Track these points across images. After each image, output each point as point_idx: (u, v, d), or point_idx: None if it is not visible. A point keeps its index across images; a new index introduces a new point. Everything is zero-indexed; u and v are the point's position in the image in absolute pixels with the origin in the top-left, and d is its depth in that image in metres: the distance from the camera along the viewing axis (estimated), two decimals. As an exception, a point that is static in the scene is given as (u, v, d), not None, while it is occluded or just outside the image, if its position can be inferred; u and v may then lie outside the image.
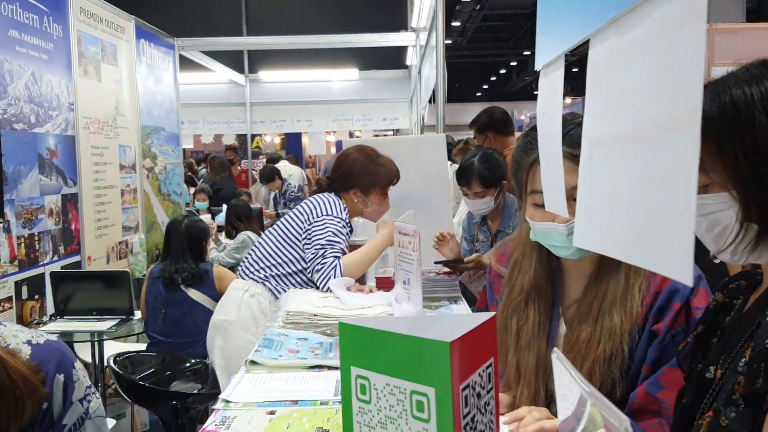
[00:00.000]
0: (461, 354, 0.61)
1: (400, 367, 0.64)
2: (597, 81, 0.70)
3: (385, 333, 0.64)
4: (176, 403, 2.57)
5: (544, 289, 1.37)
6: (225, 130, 9.21)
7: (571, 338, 1.30)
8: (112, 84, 4.57)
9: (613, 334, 1.24)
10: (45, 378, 1.07)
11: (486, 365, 0.67)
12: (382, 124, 8.97)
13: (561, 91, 0.86)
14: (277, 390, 1.63)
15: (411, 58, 7.78)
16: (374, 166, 2.64)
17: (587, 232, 0.66)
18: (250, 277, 2.61)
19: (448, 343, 0.59)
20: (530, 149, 1.31)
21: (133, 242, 4.75)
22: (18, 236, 3.38)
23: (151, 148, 5.29)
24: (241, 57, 9.03)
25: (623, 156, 0.61)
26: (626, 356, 1.23)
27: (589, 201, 0.67)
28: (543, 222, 1.27)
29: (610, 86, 0.66)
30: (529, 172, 1.31)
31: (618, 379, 1.23)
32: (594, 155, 0.67)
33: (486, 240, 2.79)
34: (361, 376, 0.67)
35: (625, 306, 1.25)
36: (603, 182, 0.64)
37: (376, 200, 2.65)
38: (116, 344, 3.84)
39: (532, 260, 1.38)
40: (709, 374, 0.95)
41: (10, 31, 3.34)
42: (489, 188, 2.62)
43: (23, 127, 3.44)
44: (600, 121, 0.67)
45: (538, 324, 1.36)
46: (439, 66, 3.55)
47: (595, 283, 1.30)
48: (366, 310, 2.18)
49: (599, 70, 0.69)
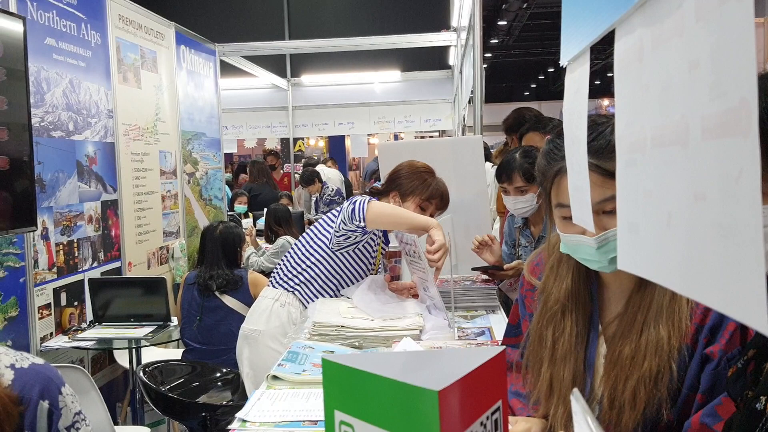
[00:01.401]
0: (456, 402, 0.51)
1: (388, 415, 0.55)
2: (626, 76, 0.59)
3: (370, 375, 0.55)
4: (205, 414, 2.52)
5: (582, 298, 1.25)
6: (268, 134, 9.23)
7: (613, 355, 1.17)
8: (152, 90, 4.59)
9: (659, 349, 1.11)
10: (27, 408, 1.00)
11: (492, 411, 0.57)
12: (424, 125, 8.86)
13: (586, 89, 0.75)
14: (297, 409, 1.55)
15: (453, 58, 7.66)
16: (418, 175, 2.54)
17: (633, 253, 0.56)
18: (281, 286, 2.54)
19: (436, 393, 0.49)
20: (554, 158, 1.19)
21: (173, 247, 4.76)
22: (56, 243, 3.40)
23: (192, 153, 5.30)
24: (283, 61, 9.05)
25: (666, 163, 0.50)
26: (674, 375, 1.10)
27: (632, 216, 0.56)
28: (572, 234, 1.15)
29: (642, 81, 0.55)
30: (554, 183, 1.19)
31: (665, 399, 1.10)
32: (634, 162, 0.56)
33: (528, 245, 2.65)
34: (346, 422, 0.58)
35: (672, 318, 1.12)
36: (646, 194, 0.53)
37: (411, 208, 2.52)
38: (155, 350, 3.84)
39: (570, 267, 1.26)
40: (759, 405, 0.83)
41: (46, 39, 3.36)
42: (531, 183, 2.47)
43: (61, 134, 3.46)
44: (635, 123, 0.56)
45: (576, 336, 1.24)
46: (476, 65, 3.43)
47: (638, 294, 1.17)
48: (395, 322, 2.08)
49: (628, 63, 0.58)
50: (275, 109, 9.04)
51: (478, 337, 2.13)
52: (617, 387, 1.14)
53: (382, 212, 2.28)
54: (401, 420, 0.53)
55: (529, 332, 1.33)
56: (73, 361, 3.42)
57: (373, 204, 2.28)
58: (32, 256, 3.18)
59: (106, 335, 3.41)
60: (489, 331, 2.21)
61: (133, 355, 3.42)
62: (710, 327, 1.09)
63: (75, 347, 3.30)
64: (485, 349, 0.61)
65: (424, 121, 8.78)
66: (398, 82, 8.97)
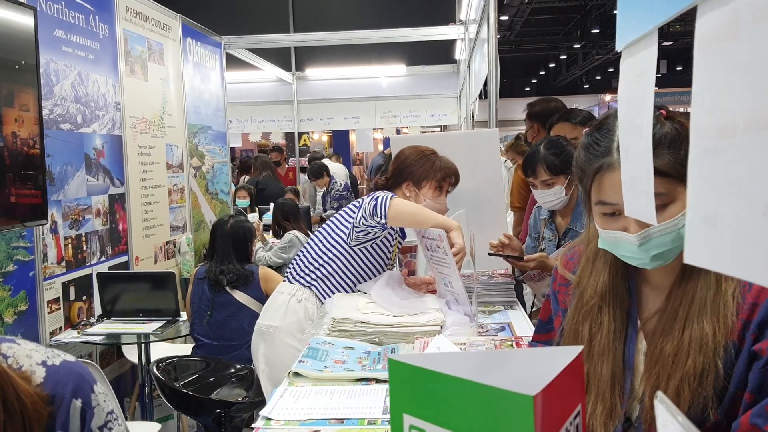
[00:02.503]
0: (547, 408, 0.48)
1: (468, 420, 0.51)
2: (712, 56, 0.55)
3: (448, 377, 0.51)
4: (220, 411, 2.49)
5: (620, 293, 1.21)
6: (273, 128, 9.19)
7: (654, 352, 1.13)
8: (159, 83, 4.54)
9: (704, 345, 1.07)
10: (59, 407, 0.97)
11: (574, 415, 0.54)
12: (430, 120, 8.81)
13: (653, 73, 0.71)
14: (321, 406, 1.52)
15: (459, 53, 7.61)
16: (427, 159, 2.51)
17: (708, 247, 0.52)
18: (297, 281, 2.50)
19: (531, 398, 0.46)
20: (595, 153, 1.15)
21: (180, 242, 4.72)
22: (65, 237, 3.37)
23: (199, 147, 5.26)
24: (288, 54, 9.00)
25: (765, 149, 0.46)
26: (720, 373, 1.06)
27: (709, 208, 0.52)
28: (613, 231, 1.12)
29: (735, 60, 0.52)
30: (594, 180, 1.15)
31: (710, 398, 1.06)
32: (716, 149, 0.52)
33: (552, 239, 2.58)
34: (417, 427, 0.55)
35: (717, 313, 1.08)
36: (732, 183, 0.50)
37: (429, 194, 2.47)
38: (164, 345, 3.81)
39: (607, 261, 1.22)
40: None
41: (55, 30, 3.32)
42: (557, 176, 2.41)
43: (70, 127, 3.42)
44: (721, 106, 0.52)
45: (614, 332, 1.20)
46: (491, 59, 3.39)
47: (680, 289, 1.13)
48: (416, 317, 2.05)
49: (716, 41, 0.54)
50: (280, 103, 9.00)
51: (498, 333, 2.10)
52: (659, 385, 1.10)
53: (405, 210, 2.25)
54: (486, 426, 0.49)
55: (563, 327, 1.29)
56: (82, 355, 3.39)
57: (396, 201, 2.24)
58: (41, 250, 3.14)
59: (114, 330, 3.38)
60: (509, 326, 2.18)
61: (142, 351, 3.39)
62: (758, 323, 1.05)
63: (84, 342, 3.27)
64: (557, 349, 0.58)
65: (430, 115, 8.73)
66: (403, 77, 8.92)
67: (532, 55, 23.51)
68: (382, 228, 2.32)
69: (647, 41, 0.72)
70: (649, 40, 0.72)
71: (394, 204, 2.23)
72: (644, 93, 0.73)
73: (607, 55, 20.56)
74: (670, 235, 1.07)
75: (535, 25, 19.83)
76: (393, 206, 2.22)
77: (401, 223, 2.30)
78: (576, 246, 1.37)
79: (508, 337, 2.01)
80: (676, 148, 1.09)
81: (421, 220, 2.25)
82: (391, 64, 8.78)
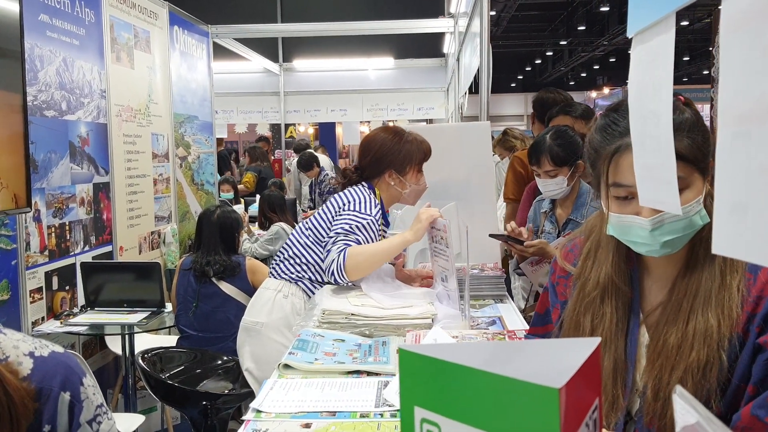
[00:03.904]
0: (570, 401, 0.46)
1: (484, 414, 0.49)
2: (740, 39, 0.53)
3: (464, 368, 0.49)
4: (206, 403, 2.45)
5: (622, 285, 1.20)
6: (259, 119, 9.11)
7: (657, 344, 1.12)
8: (145, 71, 4.48)
9: (708, 337, 1.06)
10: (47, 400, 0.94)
11: (593, 409, 0.52)
12: (417, 113, 8.78)
13: (671, 59, 0.70)
14: (312, 399, 1.50)
15: (448, 46, 7.58)
16: (405, 143, 2.44)
17: (737, 236, 0.50)
18: (283, 277, 2.46)
19: (557, 390, 0.44)
20: (612, 134, 1.13)
21: (165, 232, 4.67)
22: (48, 225, 3.31)
23: (185, 136, 5.20)
24: (275, 45, 8.92)
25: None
26: (724, 366, 1.05)
27: (737, 195, 0.51)
28: (626, 215, 1.11)
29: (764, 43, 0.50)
30: (611, 162, 1.13)
31: (714, 390, 1.05)
32: (746, 134, 0.50)
33: (552, 231, 2.57)
34: (429, 420, 0.53)
35: (722, 306, 1.07)
36: (763, 170, 0.48)
37: (413, 179, 2.45)
38: (148, 336, 3.76)
39: (610, 251, 1.20)
40: None
41: (40, 15, 3.25)
42: (561, 167, 2.40)
43: (54, 114, 3.36)
44: (750, 90, 0.50)
45: (616, 323, 1.19)
46: (483, 52, 3.37)
47: (684, 280, 1.12)
48: (407, 310, 2.03)
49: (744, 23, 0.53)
50: (267, 94, 8.92)
51: (489, 327, 2.09)
52: (662, 378, 1.09)
53: (362, 261, 2.21)
54: (506, 420, 0.47)
55: (564, 319, 1.28)
56: (65, 346, 3.32)
57: (349, 263, 2.18)
58: (24, 239, 3.08)
59: (98, 320, 3.33)
60: (500, 320, 2.17)
61: (126, 342, 3.35)
62: (763, 316, 1.05)
63: (67, 332, 3.22)
64: (574, 341, 0.56)
65: (417, 109, 8.70)
66: (391, 70, 8.88)
67: (519, 51, 23.55)
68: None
69: (663, 26, 0.70)
70: (665, 24, 0.70)
71: (349, 266, 2.18)
72: (661, 80, 0.71)
73: (592, 52, 20.64)
74: (682, 222, 1.06)
75: (521, 21, 19.84)
76: (349, 270, 2.18)
77: (365, 273, 2.26)
78: (576, 238, 1.35)
79: (500, 331, 2.00)
80: (695, 134, 1.08)
81: (383, 258, 2.27)
82: (379, 57, 8.74)
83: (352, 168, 2.56)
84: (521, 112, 24.30)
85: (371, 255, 2.23)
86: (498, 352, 0.55)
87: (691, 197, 1.07)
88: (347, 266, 2.17)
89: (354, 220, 2.29)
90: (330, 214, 2.40)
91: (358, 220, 2.29)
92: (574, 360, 0.50)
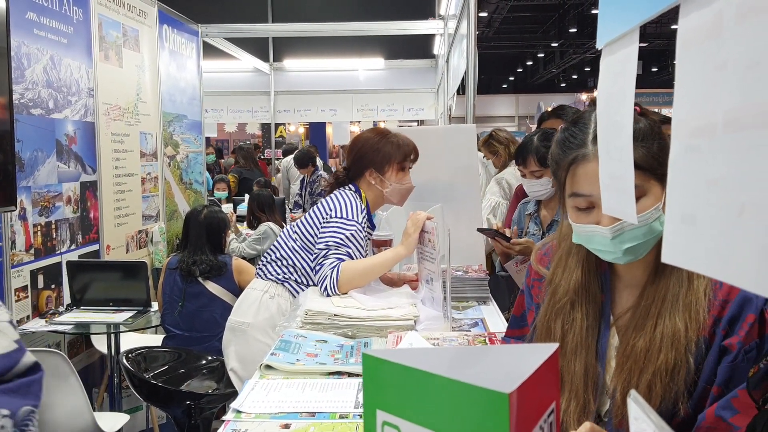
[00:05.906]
0: (522, 405, 0.48)
1: (441, 417, 0.50)
2: (694, 55, 0.55)
3: (422, 373, 0.50)
4: (190, 403, 2.46)
5: (592, 290, 1.22)
6: (249, 119, 9.11)
7: (626, 348, 1.14)
8: (134, 70, 4.47)
9: (676, 341, 1.08)
10: None
11: (548, 412, 0.54)
12: (407, 114, 8.80)
13: (634, 71, 0.71)
14: (292, 400, 1.51)
15: (438, 48, 7.60)
16: (385, 141, 2.45)
17: (686, 247, 0.52)
18: (269, 278, 2.47)
19: (506, 395, 0.46)
20: (570, 146, 1.16)
21: (153, 231, 4.66)
22: (34, 224, 3.30)
23: (173, 135, 5.19)
24: (265, 45, 8.92)
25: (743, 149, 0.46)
26: (692, 368, 1.08)
27: (687, 207, 0.52)
28: (586, 225, 1.13)
29: (717, 60, 0.51)
30: (569, 172, 1.16)
31: (682, 393, 1.08)
32: (696, 148, 0.52)
33: (537, 233, 2.60)
34: (390, 423, 0.54)
35: (689, 310, 1.09)
36: (711, 183, 0.50)
37: (393, 177, 2.43)
38: (133, 336, 3.76)
39: (580, 258, 1.23)
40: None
41: (28, 13, 3.24)
42: (546, 168, 2.44)
43: (41, 112, 3.35)
44: (702, 106, 0.52)
45: (587, 328, 1.21)
46: (470, 55, 3.39)
47: (652, 286, 1.15)
48: (390, 311, 2.04)
49: (699, 41, 0.54)
50: (257, 94, 8.92)
51: (472, 329, 2.10)
52: (631, 381, 1.11)
53: (356, 275, 2.23)
54: (461, 423, 0.49)
55: (536, 324, 1.30)
56: (50, 345, 3.33)
57: (342, 278, 2.20)
58: (9, 237, 3.08)
59: (84, 319, 3.33)
60: (482, 322, 2.19)
61: (112, 341, 3.34)
62: (729, 318, 1.07)
63: (52, 331, 3.21)
64: (533, 346, 0.57)
65: (407, 110, 8.73)
66: (381, 70, 8.89)
67: (510, 52, 23.64)
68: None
69: (628, 39, 0.72)
70: (630, 38, 0.72)
71: (342, 283, 2.20)
72: (625, 91, 0.73)
73: (584, 54, 20.74)
74: (642, 229, 1.09)
75: (513, 22, 19.92)
76: (342, 286, 2.20)
77: (357, 287, 2.26)
78: (550, 242, 1.38)
79: (481, 333, 2.02)
80: (649, 143, 1.10)
81: (376, 274, 2.30)
82: (370, 58, 8.75)
83: (342, 169, 2.59)
84: (512, 114, 24.40)
85: (364, 271, 2.26)
86: (460, 357, 0.57)
87: (648, 204, 1.09)
88: (340, 282, 2.21)
89: (341, 231, 2.30)
90: (318, 220, 2.41)
91: (346, 229, 2.30)
92: (530, 365, 0.51)
